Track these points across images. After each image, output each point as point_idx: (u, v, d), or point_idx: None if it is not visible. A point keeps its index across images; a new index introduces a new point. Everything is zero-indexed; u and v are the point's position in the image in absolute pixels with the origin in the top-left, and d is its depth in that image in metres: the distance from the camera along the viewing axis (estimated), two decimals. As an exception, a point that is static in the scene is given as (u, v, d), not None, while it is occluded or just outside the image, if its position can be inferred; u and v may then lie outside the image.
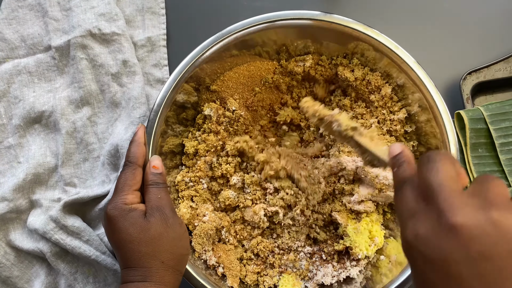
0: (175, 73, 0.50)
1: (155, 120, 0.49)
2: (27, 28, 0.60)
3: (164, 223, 0.42)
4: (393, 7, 0.62)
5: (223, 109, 0.54)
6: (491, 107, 0.56)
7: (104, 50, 0.58)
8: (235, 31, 0.50)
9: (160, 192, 0.45)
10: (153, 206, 0.43)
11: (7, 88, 0.58)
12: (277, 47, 0.54)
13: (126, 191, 0.43)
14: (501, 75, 0.57)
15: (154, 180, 0.45)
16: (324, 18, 0.50)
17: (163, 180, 0.46)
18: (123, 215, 0.42)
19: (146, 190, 0.45)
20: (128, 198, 0.43)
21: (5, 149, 0.57)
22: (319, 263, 0.51)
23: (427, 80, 0.48)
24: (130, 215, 0.42)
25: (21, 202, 0.54)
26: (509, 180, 0.55)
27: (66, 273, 0.53)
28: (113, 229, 0.42)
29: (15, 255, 0.54)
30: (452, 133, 0.47)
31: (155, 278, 0.40)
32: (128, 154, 0.46)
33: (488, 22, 0.62)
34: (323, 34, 0.51)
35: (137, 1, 0.62)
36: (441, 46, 0.61)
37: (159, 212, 0.43)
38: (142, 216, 0.42)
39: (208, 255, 0.50)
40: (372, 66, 0.53)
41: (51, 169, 0.56)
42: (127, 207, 0.42)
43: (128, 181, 0.44)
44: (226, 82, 0.54)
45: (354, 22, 0.49)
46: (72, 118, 0.57)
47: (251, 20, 0.50)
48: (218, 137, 0.53)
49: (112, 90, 0.57)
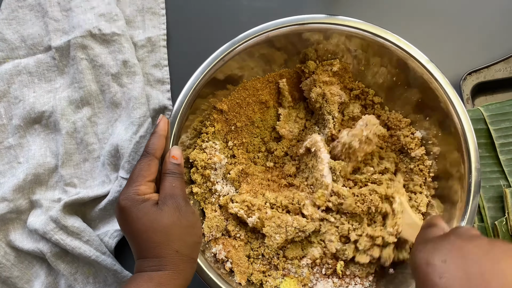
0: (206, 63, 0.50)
1: (178, 113, 0.49)
2: (27, 29, 0.60)
3: (176, 211, 0.42)
4: (392, 8, 0.62)
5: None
6: (491, 108, 0.56)
7: (104, 51, 0.58)
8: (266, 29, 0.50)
9: (175, 181, 0.45)
10: (167, 194, 0.43)
11: (7, 89, 0.58)
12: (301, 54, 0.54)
13: (139, 181, 0.43)
14: (501, 76, 0.57)
15: (171, 169, 0.45)
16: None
17: (180, 171, 0.46)
18: (135, 205, 0.42)
19: (162, 178, 0.45)
20: (140, 189, 0.43)
21: (5, 149, 0.57)
22: (319, 276, 0.51)
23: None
24: (142, 205, 0.42)
25: (21, 202, 0.54)
26: (509, 180, 0.55)
27: (66, 274, 0.53)
28: (126, 220, 0.42)
29: (15, 256, 0.54)
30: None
31: (170, 267, 0.40)
32: (147, 145, 0.46)
33: (488, 22, 0.62)
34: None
35: (137, 1, 0.62)
36: (441, 47, 0.61)
37: (172, 200, 0.43)
38: (154, 205, 0.42)
39: (218, 248, 0.50)
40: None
41: (51, 170, 0.56)
42: (139, 197, 0.42)
43: (142, 171, 0.44)
44: (234, 100, 0.54)
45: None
46: (72, 119, 0.57)
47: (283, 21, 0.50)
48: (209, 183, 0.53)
49: (112, 91, 0.57)
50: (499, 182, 0.55)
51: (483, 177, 0.55)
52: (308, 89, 0.55)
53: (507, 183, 0.55)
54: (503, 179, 0.55)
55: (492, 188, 0.55)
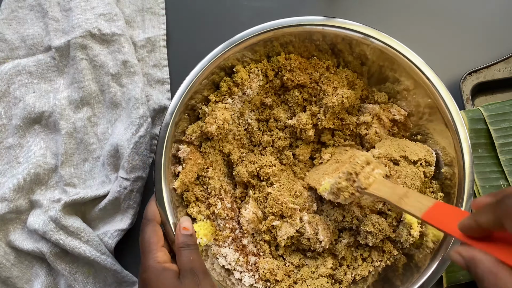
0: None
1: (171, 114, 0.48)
2: (27, 29, 0.60)
3: (196, 285, 0.42)
4: (391, 7, 0.62)
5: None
6: (491, 108, 0.56)
7: (104, 51, 0.58)
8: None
9: (192, 254, 0.44)
10: (186, 268, 0.43)
11: (7, 89, 0.58)
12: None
13: (154, 249, 0.43)
14: (501, 76, 0.57)
15: (185, 242, 0.45)
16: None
17: (194, 241, 0.46)
18: (156, 275, 0.42)
19: (177, 252, 0.45)
20: (159, 256, 0.43)
21: (5, 149, 0.57)
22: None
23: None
24: (163, 276, 0.42)
25: (21, 202, 0.54)
26: (509, 180, 0.55)
27: (66, 274, 0.53)
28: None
29: (15, 256, 0.54)
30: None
31: None
32: (146, 212, 0.46)
33: (488, 22, 0.62)
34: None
35: (137, 2, 0.62)
36: (440, 47, 0.61)
37: (192, 275, 0.43)
38: (175, 277, 0.42)
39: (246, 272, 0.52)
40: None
41: (51, 170, 0.56)
42: (160, 265, 0.42)
43: (152, 239, 0.44)
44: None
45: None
46: (72, 119, 0.57)
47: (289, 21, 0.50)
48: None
49: (112, 91, 0.57)
50: (499, 182, 0.55)
51: (483, 177, 0.55)
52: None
53: (507, 183, 0.55)
54: (503, 179, 0.55)
55: (492, 188, 0.55)
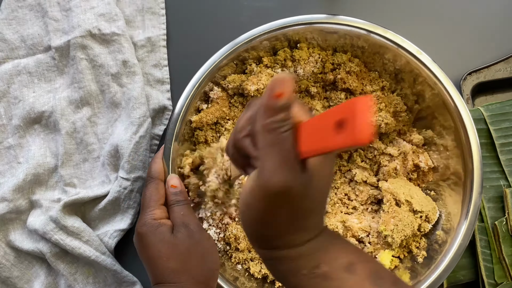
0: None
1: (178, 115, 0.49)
2: (27, 29, 0.60)
3: (191, 238, 0.42)
4: (391, 7, 0.62)
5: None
6: (491, 108, 0.56)
7: (104, 51, 0.58)
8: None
9: (183, 209, 0.45)
10: (179, 223, 0.44)
11: (7, 89, 0.58)
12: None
13: (152, 206, 0.44)
14: (501, 76, 0.57)
15: (175, 199, 0.46)
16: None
17: (184, 197, 0.47)
18: (152, 231, 0.42)
19: (169, 210, 0.46)
20: (156, 213, 0.44)
21: (5, 149, 0.57)
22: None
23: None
24: (158, 231, 0.42)
25: (21, 202, 0.54)
26: (509, 180, 0.55)
27: (66, 274, 0.53)
28: (143, 246, 0.43)
29: (15, 256, 0.54)
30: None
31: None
32: (149, 170, 0.47)
33: (488, 22, 0.62)
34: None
35: (137, 1, 0.62)
36: (440, 47, 0.60)
37: (185, 228, 0.43)
38: (169, 231, 0.43)
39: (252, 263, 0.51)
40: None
41: (51, 170, 0.56)
42: (155, 222, 0.43)
43: (153, 196, 0.45)
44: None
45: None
46: (72, 119, 0.57)
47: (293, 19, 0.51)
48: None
49: (112, 91, 0.57)
50: (499, 182, 0.55)
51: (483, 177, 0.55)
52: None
53: (507, 183, 0.55)
54: (503, 179, 0.55)
55: (492, 188, 0.55)
